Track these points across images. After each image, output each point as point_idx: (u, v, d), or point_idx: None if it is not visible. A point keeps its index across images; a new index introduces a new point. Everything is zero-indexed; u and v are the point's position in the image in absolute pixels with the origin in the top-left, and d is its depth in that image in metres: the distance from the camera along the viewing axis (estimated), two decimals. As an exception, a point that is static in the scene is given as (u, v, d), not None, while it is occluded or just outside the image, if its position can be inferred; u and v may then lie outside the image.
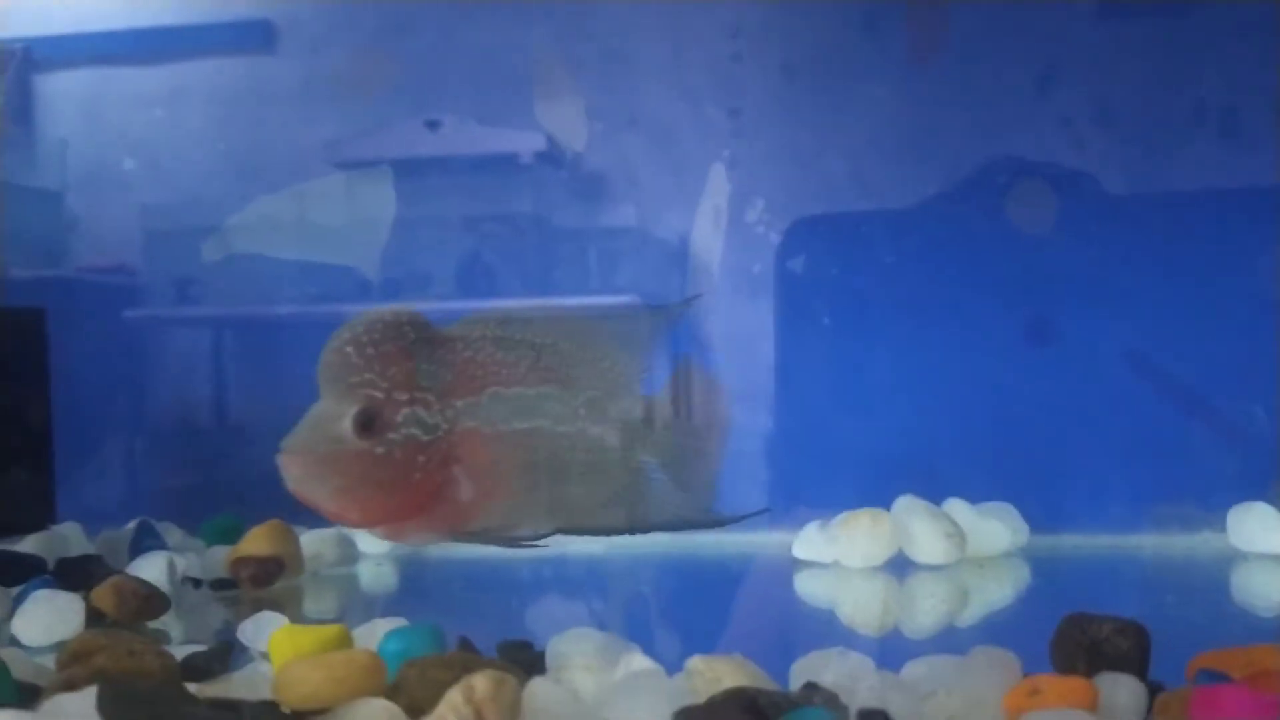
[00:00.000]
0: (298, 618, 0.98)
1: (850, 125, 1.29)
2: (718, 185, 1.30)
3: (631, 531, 0.88)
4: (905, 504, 1.12)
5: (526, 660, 0.73)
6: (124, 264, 1.42)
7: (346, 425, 0.74)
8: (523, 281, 1.35)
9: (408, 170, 1.35)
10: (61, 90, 1.43)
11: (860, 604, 1.05)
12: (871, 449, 1.24)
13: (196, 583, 1.06)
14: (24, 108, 1.42)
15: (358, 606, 1.10)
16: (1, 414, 1.00)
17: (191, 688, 0.67)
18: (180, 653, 0.75)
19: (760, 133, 1.30)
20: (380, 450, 0.74)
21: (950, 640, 0.93)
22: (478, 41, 1.34)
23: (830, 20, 1.29)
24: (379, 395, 0.74)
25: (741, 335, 1.28)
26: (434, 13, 1.35)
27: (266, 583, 1.06)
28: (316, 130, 1.36)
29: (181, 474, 1.35)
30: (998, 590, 1.06)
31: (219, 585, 1.06)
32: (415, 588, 1.18)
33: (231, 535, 1.17)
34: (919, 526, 1.09)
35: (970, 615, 1.02)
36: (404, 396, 0.75)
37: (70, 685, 0.67)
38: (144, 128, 1.40)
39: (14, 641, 0.86)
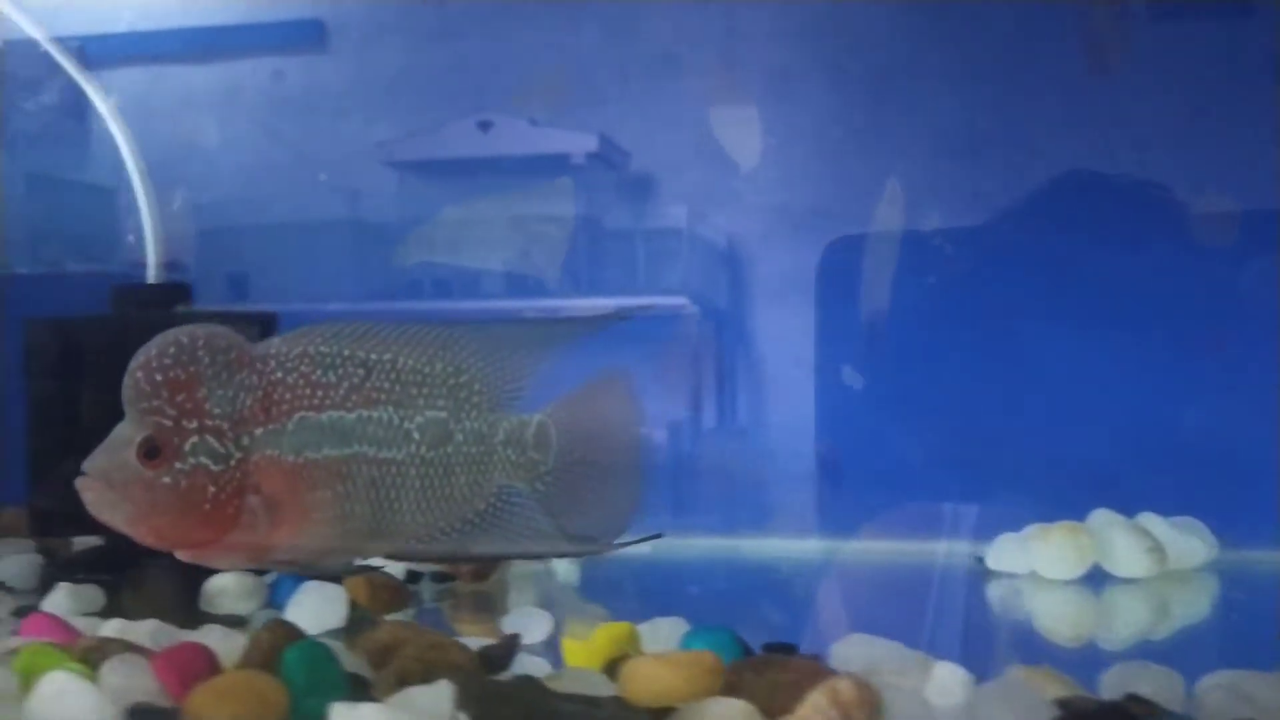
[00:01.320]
0: (505, 611, 1.03)
1: (1011, 134, 1.32)
2: (893, 197, 1.32)
3: (480, 559, 0.87)
4: (1102, 517, 1.14)
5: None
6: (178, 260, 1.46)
7: (133, 453, 0.72)
8: (572, 281, 1.37)
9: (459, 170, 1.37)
10: (115, 88, 1.45)
11: (1059, 615, 1.08)
12: (1051, 461, 1.26)
13: (416, 576, 1.09)
14: (78, 105, 1.43)
15: (558, 600, 1.13)
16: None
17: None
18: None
19: (914, 141, 1.33)
20: (167, 479, 0.72)
21: (1171, 651, 0.95)
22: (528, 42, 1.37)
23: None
24: (167, 423, 0.72)
25: (926, 347, 1.30)
26: (482, 14, 1.38)
27: (484, 577, 1.09)
28: (368, 130, 1.39)
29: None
30: (1199, 604, 1.08)
31: (439, 579, 1.09)
32: (598, 584, 1.20)
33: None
34: (1120, 540, 1.11)
35: (1170, 628, 1.05)
36: (193, 424, 0.72)
37: (403, 679, 0.71)
38: (196, 126, 1.42)
39: (285, 629, 0.90)
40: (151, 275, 1.05)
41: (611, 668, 0.71)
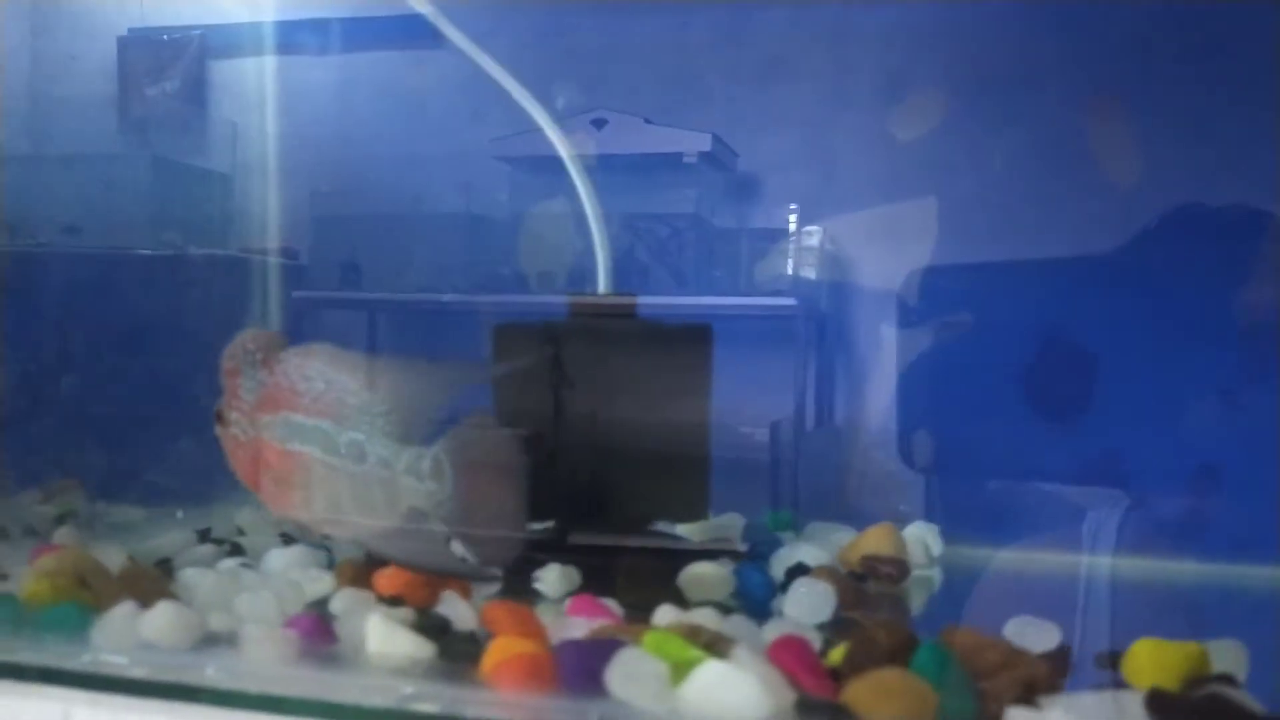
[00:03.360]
0: (905, 616, 1.01)
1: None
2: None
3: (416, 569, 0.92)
4: None
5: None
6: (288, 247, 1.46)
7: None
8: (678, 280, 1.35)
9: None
10: (234, 76, 1.48)
11: None
12: None
13: (862, 577, 1.07)
14: (198, 91, 1.47)
15: (943, 608, 1.11)
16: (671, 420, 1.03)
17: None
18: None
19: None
20: (226, 439, 0.92)
21: None
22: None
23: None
24: (227, 399, 0.92)
25: None
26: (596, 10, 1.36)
27: (899, 581, 1.07)
28: (479, 126, 1.37)
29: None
30: None
31: (852, 579, 1.07)
32: (959, 595, 1.18)
33: (790, 528, 1.21)
34: None
35: None
36: (234, 403, 0.91)
37: (1031, 686, 0.69)
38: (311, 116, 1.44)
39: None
40: (602, 287, 1.07)
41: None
